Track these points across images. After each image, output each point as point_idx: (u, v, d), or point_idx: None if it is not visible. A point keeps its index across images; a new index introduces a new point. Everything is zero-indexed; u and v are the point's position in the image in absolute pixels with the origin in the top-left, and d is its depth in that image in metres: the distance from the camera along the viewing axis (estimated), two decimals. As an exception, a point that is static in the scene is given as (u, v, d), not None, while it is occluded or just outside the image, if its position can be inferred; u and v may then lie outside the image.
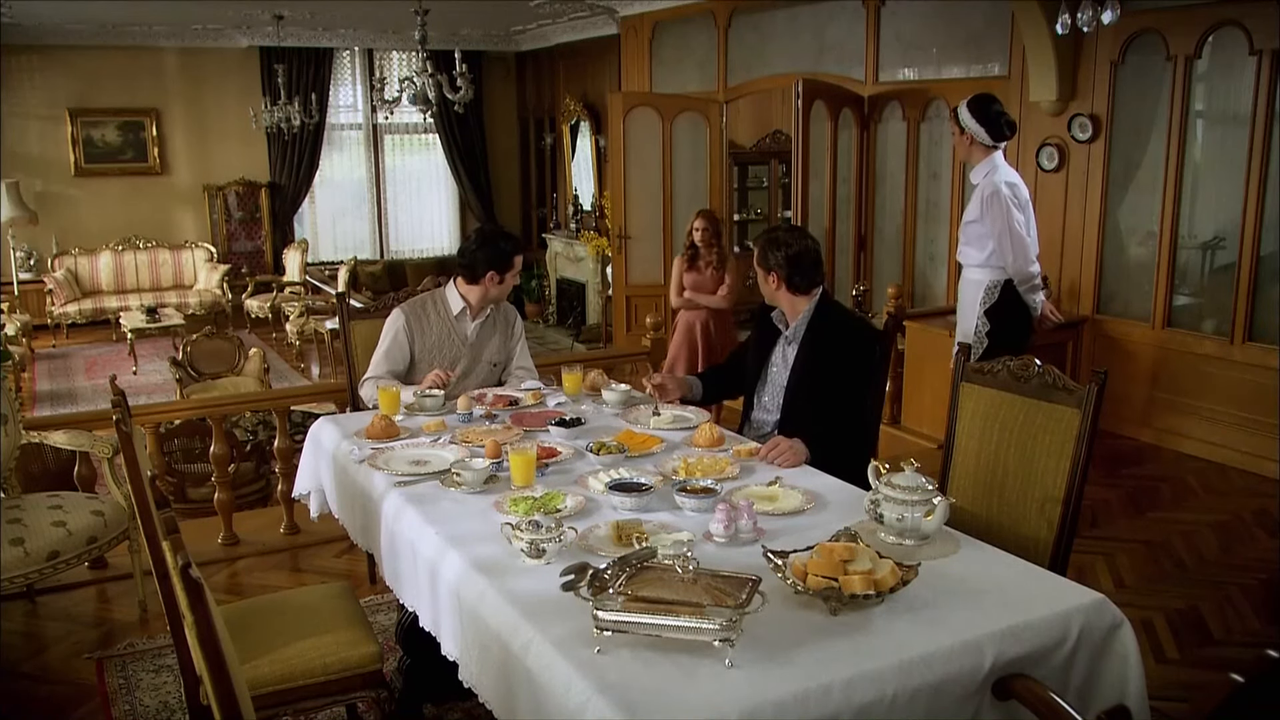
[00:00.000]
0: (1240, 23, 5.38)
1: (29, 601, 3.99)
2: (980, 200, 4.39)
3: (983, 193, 4.38)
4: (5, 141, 10.71)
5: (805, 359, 3.26)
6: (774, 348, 3.39)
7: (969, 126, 4.36)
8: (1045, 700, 1.80)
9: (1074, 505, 2.53)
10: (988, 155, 4.41)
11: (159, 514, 2.06)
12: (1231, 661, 3.46)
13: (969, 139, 4.40)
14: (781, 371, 3.34)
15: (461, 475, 2.64)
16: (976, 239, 4.45)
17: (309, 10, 9.98)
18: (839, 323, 3.30)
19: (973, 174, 4.51)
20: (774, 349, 3.39)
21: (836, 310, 3.38)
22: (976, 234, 4.44)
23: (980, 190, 4.41)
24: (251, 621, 2.66)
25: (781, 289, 3.26)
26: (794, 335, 3.31)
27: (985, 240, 4.39)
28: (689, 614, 1.78)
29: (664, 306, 8.70)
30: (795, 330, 3.30)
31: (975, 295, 4.48)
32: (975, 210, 4.44)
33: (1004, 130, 4.38)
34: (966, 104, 4.38)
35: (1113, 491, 5.16)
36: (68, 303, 10.83)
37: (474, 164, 13.08)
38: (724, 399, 4.21)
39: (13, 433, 3.94)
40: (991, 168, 4.39)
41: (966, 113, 4.35)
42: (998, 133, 4.36)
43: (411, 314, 3.71)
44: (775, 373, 3.37)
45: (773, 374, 3.38)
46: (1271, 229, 5.44)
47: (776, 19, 8.27)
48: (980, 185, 4.42)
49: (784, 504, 2.52)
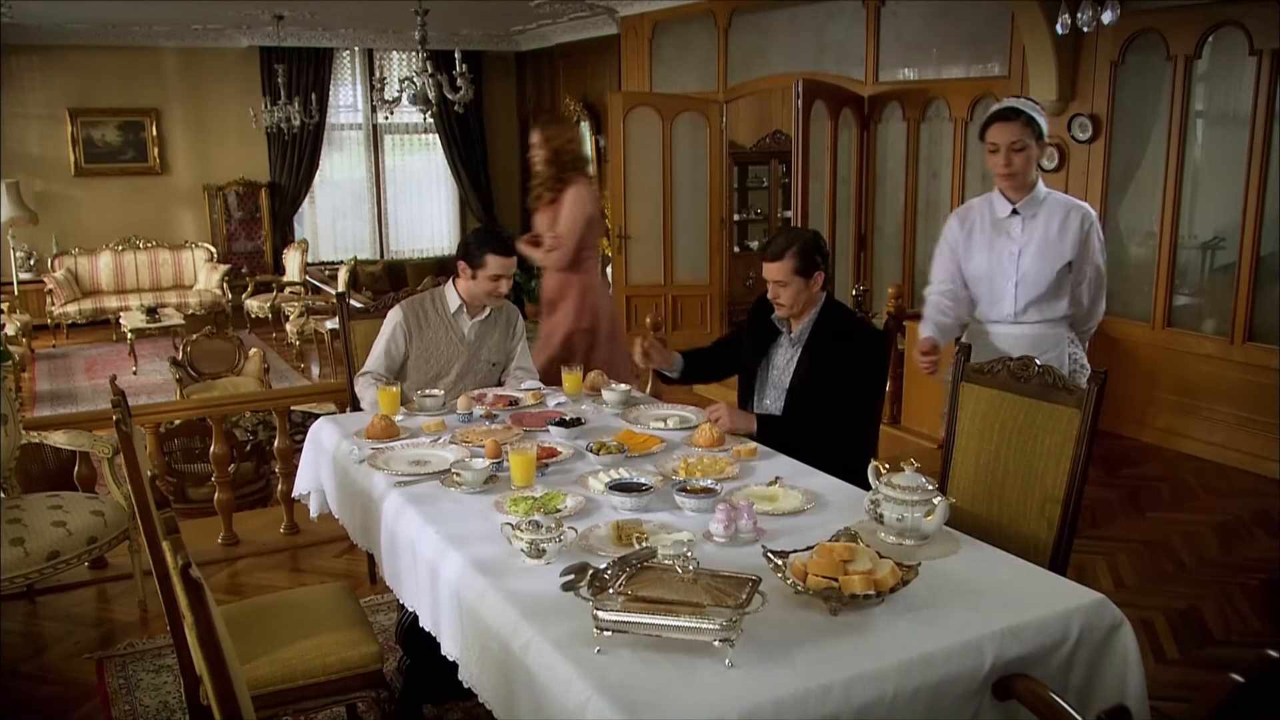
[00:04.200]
0: (1240, 23, 5.39)
1: (29, 601, 3.99)
2: (1083, 231, 3.37)
3: (1083, 221, 3.39)
4: (5, 141, 10.71)
5: (809, 362, 3.22)
6: (773, 347, 3.35)
7: (1047, 131, 3.39)
8: (1045, 700, 1.80)
9: (1074, 505, 2.53)
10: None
11: (159, 514, 2.06)
12: (1231, 661, 3.45)
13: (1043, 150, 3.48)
14: (784, 374, 3.30)
15: (461, 475, 2.64)
16: (1067, 284, 3.43)
17: (309, 10, 9.98)
18: (843, 328, 3.25)
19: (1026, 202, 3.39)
20: (773, 349, 3.35)
21: (841, 313, 3.32)
22: (1067, 278, 3.43)
23: (1078, 212, 3.40)
24: (251, 621, 2.66)
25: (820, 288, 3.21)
26: (799, 338, 3.26)
27: (1067, 280, 3.43)
28: (689, 614, 1.78)
29: (664, 306, 8.75)
30: (800, 334, 3.26)
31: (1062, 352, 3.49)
32: (1072, 246, 3.37)
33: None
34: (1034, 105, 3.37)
35: (1113, 491, 5.16)
36: (68, 303, 10.83)
37: (474, 164, 13.08)
38: (701, 383, 4.00)
39: (13, 433, 3.93)
40: (1045, 187, 3.46)
41: (1041, 112, 3.36)
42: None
43: (409, 312, 3.72)
44: (777, 375, 3.33)
45: (774, 376, 3.34)
46: (1271, 229, 5.44)
47: (776, 19, 8.27)
48: (1073, 206, 3.41)
49: (784, 504, 2.52)
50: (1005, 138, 3.30)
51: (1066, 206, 3.42)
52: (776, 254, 3.17)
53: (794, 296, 3.19)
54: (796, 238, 3.22)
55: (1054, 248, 3.38)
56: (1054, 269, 3.39)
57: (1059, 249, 3.38)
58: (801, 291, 3.18)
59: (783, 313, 3.26)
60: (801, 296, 3.20)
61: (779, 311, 3.27)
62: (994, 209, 3.47)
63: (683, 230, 8.75)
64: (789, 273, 3.16)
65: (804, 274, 3.16)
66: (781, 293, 3.20)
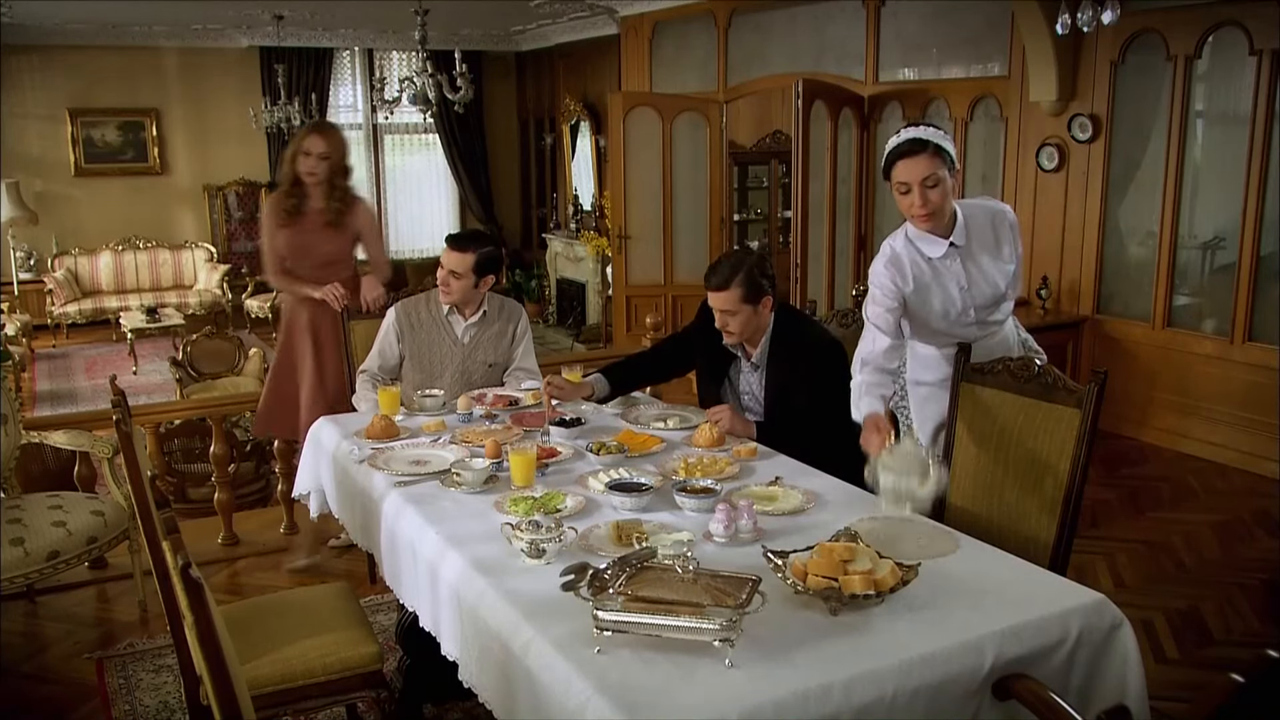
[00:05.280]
0: (1240, 23, 5.39)
1: (29, 601, 3.99)
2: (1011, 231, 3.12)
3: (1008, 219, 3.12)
4: (5, 141, 10.71)
5: (777, 383, 3.17)
6: (732, 371, 3.28)
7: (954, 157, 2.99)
8: (1045, 700, 1.80)
9: (1074, 505, 2.53)
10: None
11: (159, 514, 2.06)
12: (1231, 661, 3.45)
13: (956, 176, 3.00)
14: (754, 399, 3.25)
15: (461, 475, 2.65)
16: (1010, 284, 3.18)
17: (309, 10, 9.97)
18: (800, 341, 3.17)
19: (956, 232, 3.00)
20: (734, 373, 3.28)
21: (794, 325, 3.21)
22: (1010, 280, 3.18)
23: (1001, 217, 3.12)
24: (251, 621, 2.66)
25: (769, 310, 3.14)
26: (760, 361, 3.21)
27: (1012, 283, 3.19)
28: (689, 614, 1.78)
29: (664, 306, 8.74)
30: (760, 357, 3.20)
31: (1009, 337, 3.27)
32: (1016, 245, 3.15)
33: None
34: (938, 131, 2.98)
35: (1113, 491, 5.16)
36: (68, 303, 10.83)
37: (474, 164, 13.07)
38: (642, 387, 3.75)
39: (13, 433, 3.94)
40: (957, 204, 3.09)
41: (948, 139, 2.99)
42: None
43: (403, 312, 3.72)
44: (749, 400, 3.26)
45: (746, 401, 3.27)
46: (1271, 229, 5.44)
47: (776, 19, 8.27)
48: (994, 213, 3.11)
49: (784, 504, 2.52)
50: (916, 174, 2.86)
51: (987, 214, 3.07)
52: (721, 284, 3.08)
53: (743, 325, 3.12)
54: (740, 264, 3.10)
55: (994, 263, 3.04)
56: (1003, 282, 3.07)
57: (998, 261, 3.04)
58: (751, 319, 3.12)
59: (732, 340, 3.18)
60: (751, 323, 3.13)
61: (728, 340, 3.18)
62: (922, 251, 3.01)
63: (683, 230, 8.75)
64: (736, 301, 3.07)
65: (751, 301, 3.08)
66: (730, 321, 3.11)
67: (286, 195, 4.07)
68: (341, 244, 4.16)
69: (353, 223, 4.14)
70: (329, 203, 4.07)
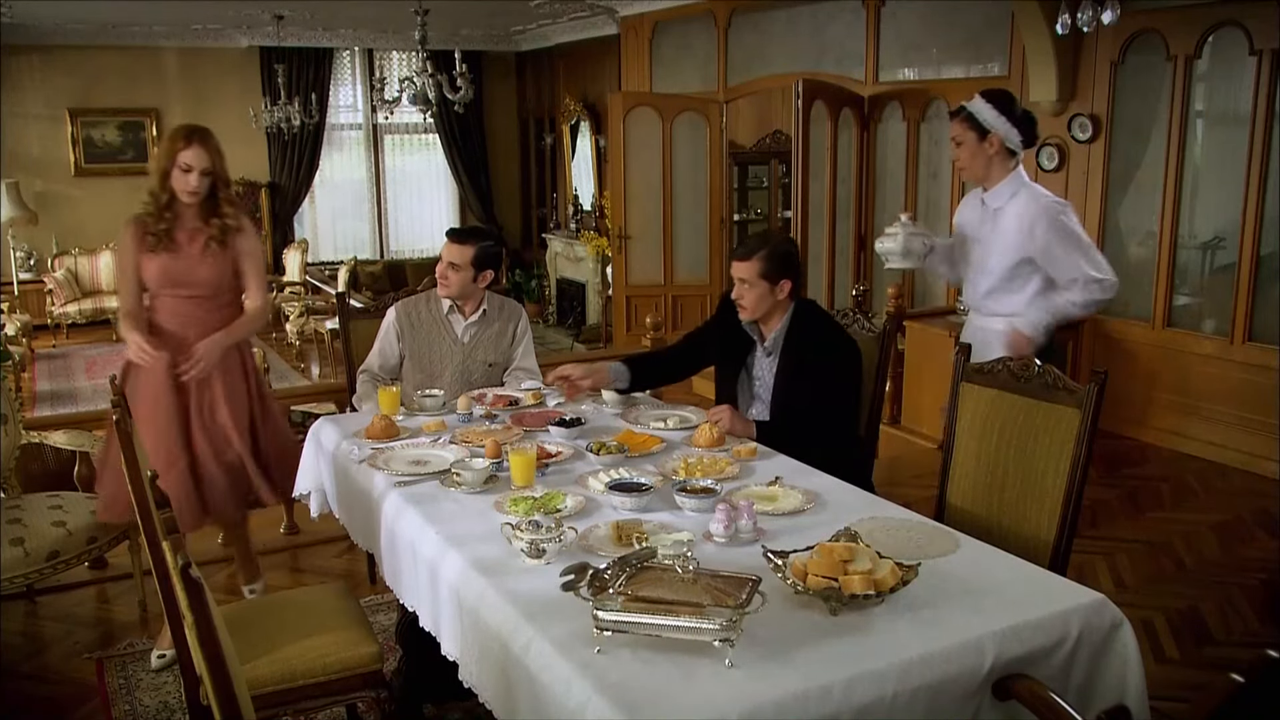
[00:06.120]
0: (1240, 23, 5.39)
1: (29, 601, 3.99)
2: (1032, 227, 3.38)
3: (1034, 220, 3.38)
4: (5, 141, 10.71)
5: (787, 371, 3.17)
6: (749, 357, 3.29)
7: (997, 128, 3.39)
8: (1045, 700, 1.80)
9: (1074, 505, 2.53)
10: (1009, 167, 3.47)
11: (159, 514, 2.06)
12: (1231, 661, 3.46)
13: (993, 146, 3.41)
14: (765, 385, 3.25)
15: (461, 475, 2.64)
16: (1023, 278, 3.48)
17: (309, 10, 9.98)
18: (816, 334, 3.17)
19: (992, 194, 3.50)
20: (750, 359, 3.29)
21: (813, 318, 3.22)
22: (1025, 273, 3.47)
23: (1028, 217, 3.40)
24: (251, 621, 2.66)
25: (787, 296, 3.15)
26: (773, 346, 3.21)
27: (1032, 277, 3.47)
28: (689, 614, 1.78)
29: (664, 306, 8.74)
30: (774, 342, 3.21)
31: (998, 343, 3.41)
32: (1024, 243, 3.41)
33: (1035, 132, 3.50)
34: (987, 101, 3.41)
35: (1113, 491, 5.16)
36: (68, 303, 10.83)
37: (474, 164, 13.08)
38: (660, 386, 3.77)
39: (13, 433, 3.94)
40: (1020, 184, 3.46)
41: (992, 111, 3.38)
42: (1031, 135, 3.46)
43: (403, 311, 3.73)
44: (760, 387, 3.27)
45: (757, 388, 3.28)
46: (1271, 229, 5.44)
47: (776, 19, 8.27)
48: (1022, 211, 3.42)
49: (784, 504, 2.52)
50: (951, 133, 3.57)
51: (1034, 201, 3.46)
52: (746, 254, 3.12)
53: (756, 300, 3.12)
54: (769, 241, 3.19)
55: (1010, 242, 3.49)
56: (1008, 263, 3.51)
57: (1015, 243, 3.48)
58: (765, 296, 3.11)
59: (744, 315, 3.18)
60: (765, 302, 3.13)
61: (741, 315, 3.19)
62: (981, 197, 3.66)
63: (683, 230, 8.76)
64: (754, 274, 3.09)
65: (770, 279, 3.09)
66: (745, 293, 3.12)
67: (157, 219, 3.33)
68: (223, 269, 3.42)
69: (237, 243, 3.44)
70: (211, 221, 3.38)
